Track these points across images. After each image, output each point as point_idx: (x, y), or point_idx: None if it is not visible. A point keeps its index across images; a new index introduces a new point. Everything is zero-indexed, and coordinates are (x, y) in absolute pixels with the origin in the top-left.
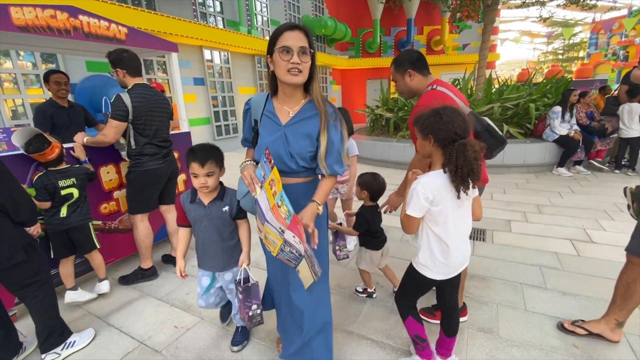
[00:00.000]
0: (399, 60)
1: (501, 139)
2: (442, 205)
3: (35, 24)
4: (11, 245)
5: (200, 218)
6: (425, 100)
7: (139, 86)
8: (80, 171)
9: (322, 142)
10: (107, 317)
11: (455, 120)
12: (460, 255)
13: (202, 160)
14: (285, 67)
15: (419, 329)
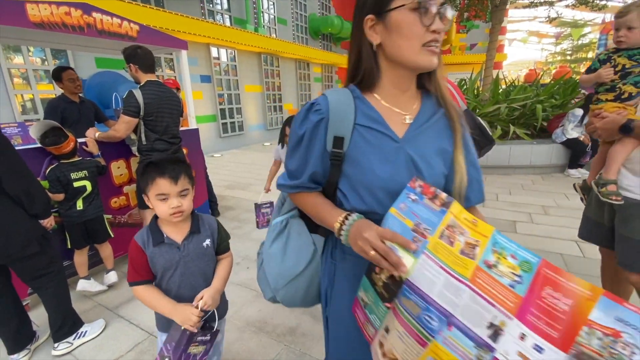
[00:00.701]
0: None
1: (490, 139)
2: None
3: (50, 21)
4: (25, 237)
5: (172, 264)
6: None
7: (151, 83)
8: (92, 164)
9: (460, 165)
10: (116, 309)
11: None
12: None
13: (174, 174)
14: (421, 37)
15: None
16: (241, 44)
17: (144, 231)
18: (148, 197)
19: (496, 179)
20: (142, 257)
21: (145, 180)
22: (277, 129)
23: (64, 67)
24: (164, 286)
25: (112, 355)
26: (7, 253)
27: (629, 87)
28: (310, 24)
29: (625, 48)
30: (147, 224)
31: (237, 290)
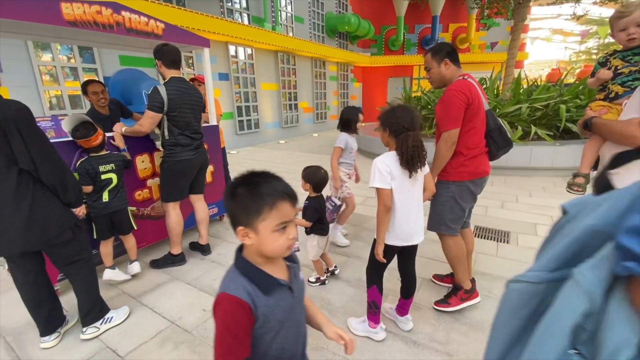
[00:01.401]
0: (437, 49)
1: (509, 142)
2: (396, 179)
3: (82, 19)
4: (60, 224)
5: (288, 311)
6: (456, 86)
7: (174, 79)
8: (118, 158)
9: None
10: (140, 297)
11: (405, 116)
12: (411, 225)
13: (292, 192)
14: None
15: (377, 298)
16: (259, 42)
17: (239, 280)
18: (252, 229)
19: (516, 180)
20: (248, 319)
21: (257, 205)
22: (292, 127)
23: (91, 80)
24: (274, 350)
25: (136, 341)
26: (44, 239)
27: (616, 87)
28: (327, 22)
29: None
30: (234, 269)
31: None
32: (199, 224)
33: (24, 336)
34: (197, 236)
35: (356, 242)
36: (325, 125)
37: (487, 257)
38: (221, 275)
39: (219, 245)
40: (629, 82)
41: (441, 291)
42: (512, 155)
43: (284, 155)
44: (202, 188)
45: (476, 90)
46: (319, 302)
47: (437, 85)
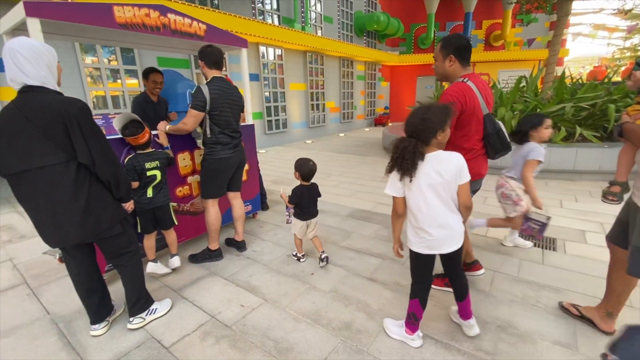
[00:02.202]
0: (447, 41)
1: (507, 146)
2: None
3: (133, 22)
4: (112, 218)
5: None
6: (452, 90)
7: (216, 79)
8: (163, 155)
9: None
10: (180, 291)
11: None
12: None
13: None
14: None
15: (417, 310)
16: (288, 42)
17: None
18: None
19: (559, 184)
20: None
21: None
22: (318, 126)
23: (154, 68)
24: None
25: (179, 333)
26: (97, 231)
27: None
28: (355, 21)
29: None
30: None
31: (290, 281)
32: (235, 221)
33: (74, 323)
34: (233, 233)
35: (390, 244)
36: (352, 125)
37: (533, 265)
38: (257, 272)
39: (254, 242)
40: None
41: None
42: (554, 157)
43: (312, 155)
44: (240, 186)
45: (472, 94)
46: (355, 304)
47: (439, 78)
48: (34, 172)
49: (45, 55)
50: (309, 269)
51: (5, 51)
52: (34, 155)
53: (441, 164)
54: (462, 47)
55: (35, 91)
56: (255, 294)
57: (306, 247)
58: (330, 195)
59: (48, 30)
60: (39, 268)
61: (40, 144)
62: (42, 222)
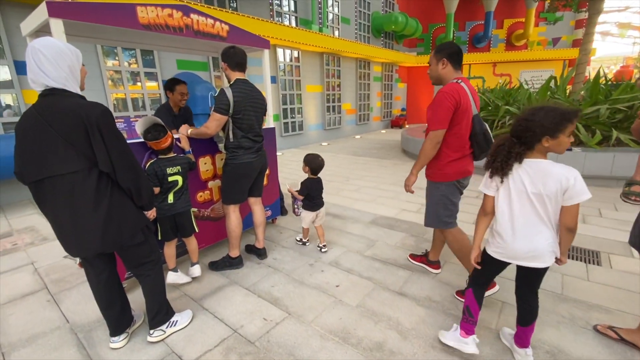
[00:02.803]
0: (440, 47)
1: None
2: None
3: (155, 22)
4: (134, 227)
5: None
6: (448, 89)
7: (239, 81)
8: (184, 160)
9: None
10: (201, 301)
11: None
12: (516, 243)
13: None
14: None
15: (472, 305)
16: (305, 44)
17: None
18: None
19: (595, 191)
20: None
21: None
22: (334, 129)
23: (179, 80)
24: None
25: (201, 348)
26: (118, 241)
27: None
28: (373, 22)
29: None
30: None
31: (315, 294)
32: (256, 227)
33: (93, 333)
34: (253, 239)
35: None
36: (368, 127)
37: (577, 281)
38: (279, 282)
39: (274, 249)
40: None
41: None
42: (589, 162)
43: (329, 158)
44: (261, 191)
45: (466, 94)
46: (385, 322)
47: (433, 82)
48: (55, 179)
49: (67, 56)
50: (333, 280)
51: (27, 50)
52: (55, 162)
53: (539, 174)
54: (454, 52)
55: (56, 95)
56: (278, 306)
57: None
58: (351, 200)
59: (70, 32)
60: (59, 272)
61: (61, 151)
62: (63, 230)
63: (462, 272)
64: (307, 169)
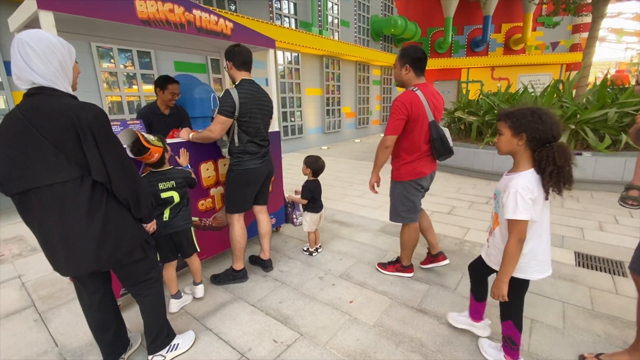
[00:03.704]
0: (405, 51)
1: (449, 150)
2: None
3: (155, 17)
4: (132, 242)
5: None
6: (402, 98)
7: (246, 82)
8: (180, 174)
9: None
10: (203, 319)
11: (553, 122)
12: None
13: None
14: None
15: (513, 334)
16: (305, 46)
17: None
18: None
19: (605, 196)
20: None
21: None
22: (334, 132)
23: (172, 78)
24: None
25: None
26: (115, 258)
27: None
28: (372, 25)
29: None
30: None
31: (328, 311)
32: (261, 238)
33: (85, 359)
34: (257, 250)
35: (443, 269)
36: (367, 130)
37: (606, 295)
38: (288, 298)
39: (280, 260)
40: None
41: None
42: (600, 167)
43: (330, 162)
44: (267, 199)
45: (419, 103)
46: (407, 343)
47: (398, 84)
48: (43, 190)
49: (58, 50)
50: (346, 295)
51: (14, 43)
52: (42, 171)
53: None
54: (417, 58)
55: (44, 94)
56: (288, 325)
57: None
58: (356, 206)
59: (62, 27)
60: (49, 287)
61: (50, 158)
62: (52, 247)
63: None
64: (308, 171)
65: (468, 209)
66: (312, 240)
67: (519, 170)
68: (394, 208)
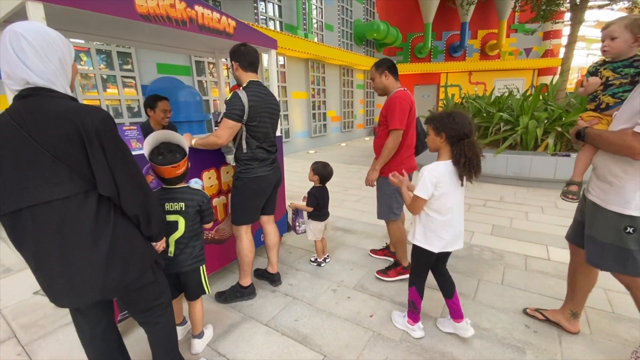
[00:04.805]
0: (379, 63)
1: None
2: (443, 189)
3: (156, 13)
4: (142, 264)
5: None
6: (401, 94)
7: (253, 84)
8: (195, 197)
9: None
10: (214, 344)
11: (464, 122)
12: (457, 231)
13: None
14: None
15: (416, 299)
16: (291, 49)
17: None
18: None
19: None
20: None
21: None
22: (320, 136)
23: (160, 96)
24: None
25: None
26: (124, 284)
27: (607, 98)
28: (355, 29)
29: (610, 60)
30: None
31: (348, 328)
32: (269, 250)
33: None
34: (267, 263)
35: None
36: (352, 134)
37: (623, 296)
38: (303, 315)
39: (287, 273)
40: (619, 93)
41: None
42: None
43: None
44: (274, 208)
45: (413, 101)
46: (439, 357)
47: (379, 93)
48: (39, 208)
49: (59, 47)
50: (365, 309)
51: (4, 36)
52: (38, 186)
53: None
54: (392, 65)
55: (41, 95)
56: (308, 346)
57: (303, 247)
58: (356, 212)
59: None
60: (30, 315)
61: (48, 171)
62: (49, 275)
63: (500, 292)
64: (316, 177)
65: (467, 212)
66: (319, 249)
67: (438, 160)
68: (386, 205)
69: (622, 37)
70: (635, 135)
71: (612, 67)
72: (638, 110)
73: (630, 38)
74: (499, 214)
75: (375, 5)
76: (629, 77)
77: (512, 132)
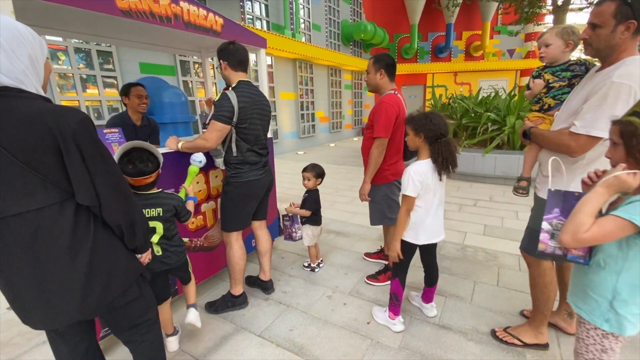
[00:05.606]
0: (379, 58)
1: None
2: (426, 186)
3: (138, 8)
4: (126, 279)
5: None
6: (389, 99)
7: (243, 84)
8: (171, 201)
9: None
10: (205, 358)
11: (440, 123)
12: (437, 224)
13: None
14: None
15: (398, 291)
16: (278, 49)
17: None
18: None
19: None
20: None
21: None
22: (309, 137)
23: (135, 83)
24: None
25: None
26: (105, 302)
27: (549, 100)
28: (343, 30)
29: (548, 65)
30: None
31: (345, 336)
32: (261, 256)
33: None
34: (259, 270)
35: (454, 278)
36: (341, 134)
37: None
38: (298, 324)
39: (280, 279)
40: (559, 95)
41: None
42: None
43: None
44: (266, 213)
45: (402, 105)
46: None
47: (370, 89)
48: (8, 221)
49: (28, 42)
50: (361, 315)
51: None
52: (7, 197)
53: None
54: (390, 64)
55: (8, 97)
56: (305, 357)
57: (297, 251)
58: (348, 214)
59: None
60: (4, 333)
61: (18, 179)
62: (20, 296)
63: (496, 294)
64: (311, 182)
65: (458, 212)
66: (313, 255)
67: (419, 159)
68: (380, 212)
69: (555, 44)
70: (572, 134)
71: (551, 71)
72: (574, 111)
73: (562, 44)
74: (490, 213)
75: (362, 6)
76: (567, 79)
77: (500, 132)
